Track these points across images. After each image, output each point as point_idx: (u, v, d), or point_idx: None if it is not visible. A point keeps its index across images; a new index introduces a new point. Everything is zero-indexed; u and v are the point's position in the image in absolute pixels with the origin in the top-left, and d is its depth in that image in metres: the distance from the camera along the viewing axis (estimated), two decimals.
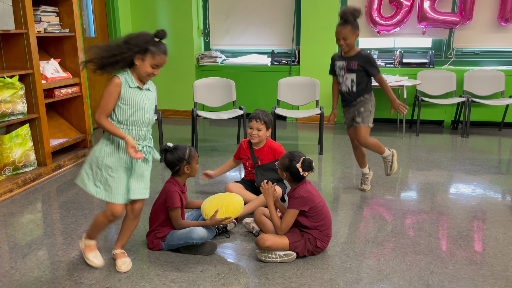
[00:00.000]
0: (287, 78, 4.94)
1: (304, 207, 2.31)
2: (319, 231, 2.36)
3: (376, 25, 5.49)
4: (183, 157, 2.44)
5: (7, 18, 3.28)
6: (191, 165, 2.48)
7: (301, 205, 2.31)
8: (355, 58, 3.05)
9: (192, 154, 2.48)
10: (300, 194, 2.31)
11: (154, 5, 6.00)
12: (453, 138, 5.08)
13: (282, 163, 2.39)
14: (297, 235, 2.36)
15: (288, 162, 2.36)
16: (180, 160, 2.44)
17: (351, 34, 2.95)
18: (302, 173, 2.32)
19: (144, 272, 2.26)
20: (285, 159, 2.38)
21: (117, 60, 2.05)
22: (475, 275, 2.21)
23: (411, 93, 5.46)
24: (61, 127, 4.17)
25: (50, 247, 2.54)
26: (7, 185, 3.30)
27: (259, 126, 3.03)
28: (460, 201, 3.19)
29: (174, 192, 2.41)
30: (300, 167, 2.32)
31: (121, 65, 2.08)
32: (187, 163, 2.45)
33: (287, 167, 2.36)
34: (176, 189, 2.44)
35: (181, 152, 2.45)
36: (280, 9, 5.95)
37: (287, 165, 2.36)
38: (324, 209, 2.38)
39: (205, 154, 4.35)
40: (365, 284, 2.14)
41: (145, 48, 2.09)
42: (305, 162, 2.34)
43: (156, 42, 2.13)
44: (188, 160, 2.45)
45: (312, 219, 2.34)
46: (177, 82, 6.19)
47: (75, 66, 4.13)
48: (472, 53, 5.60)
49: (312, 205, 2.32)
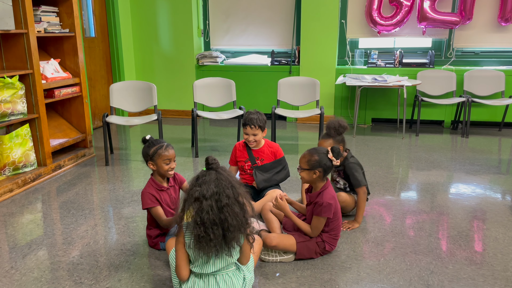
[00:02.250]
0: (287, 78, 4.94)
1: (330, 214, 2.30)
2: (329, 234, 2.36)
3: (376, 25, 5.49)
4: (147, 153, 2.40)
5: (7, 18, 3.28)
6: (156, 163, 2.38)
7: (328, 213, 2.29)
8: (340, 166, 2.87)
9: (159, 152, 2.36)
10: (328, 202, 2.28)
11: (154, 5, 6.00)
12: (453, 138, 5.08)
13: (310, 161, 2.32)
14: (305, 235, 2.37)
15: (317, 157, 2.31)
16: (145, 156, 2.42)
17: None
18: (335, 162, 2.31)
19: (144, 272, 2.26)
20: (313, 156, 2.32)
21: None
22: (475, 275, 2.21)
23: (411, 93, 5.46)
24: (61, 127, 4.17)
25: (50, 247, 2.54)
26: (7, 185, 3.30)
27: (254, 131, 2.95)
28: (460, 201, 3.19)
29: (144, 194, 2.39)
30: (331, 157, 2.31)
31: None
32: (150, 159, 2.39)
33: (319, 162, 2.30)
34: (149, 190, 2.40)
35: (150, 148, 2.40)
36: (280, 9, 5.95)
37: (318, 160, 2.30)
38: (339, 213, 2.38)
39: (205, 154, 4.34)
40: (365, 284, 2.14)
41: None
42: (334, 150, 2.32)
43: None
44: (152, 156, 2.38)
45: (328, 224, 2.35)
46: (177, 82, 6.19)
47: (75, 66, 4.13)
48: (472, 53, 5.60)
49: (335, 211, 2.33)
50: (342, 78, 5.34)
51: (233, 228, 1.75)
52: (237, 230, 1.77)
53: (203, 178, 1.79)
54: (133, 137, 5.25)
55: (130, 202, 3.20)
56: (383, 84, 4.93)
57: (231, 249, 1.80)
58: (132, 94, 4.44)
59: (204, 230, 1.74)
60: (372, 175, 3.73)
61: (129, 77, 6.08)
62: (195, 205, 1.76)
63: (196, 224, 1.75)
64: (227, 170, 1.85)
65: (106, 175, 3.83)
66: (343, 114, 5.82)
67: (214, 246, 1.76)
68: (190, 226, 1.78)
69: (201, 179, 1.79)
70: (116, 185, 3.58)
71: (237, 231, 1.77)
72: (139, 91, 4.46)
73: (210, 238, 1.74)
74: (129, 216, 2.95)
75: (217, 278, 1.85)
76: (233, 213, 1.75)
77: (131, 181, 3.68)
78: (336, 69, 5.69)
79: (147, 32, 6.12)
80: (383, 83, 4.94)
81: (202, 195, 1.75)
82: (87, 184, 3.61)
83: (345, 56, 5.84)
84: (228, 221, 1.74)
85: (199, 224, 1.74)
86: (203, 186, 1.76)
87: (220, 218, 1.74)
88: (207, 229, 1.74)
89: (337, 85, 5.68)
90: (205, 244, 1.75)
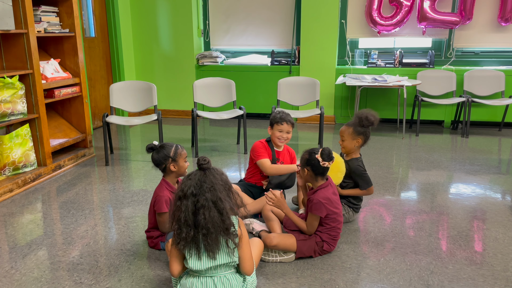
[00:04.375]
0: (287, 78, 4.94)
1: (321, 213, 2.29)
2: (328, 235, 2.37)
3: (376, 25, 5.49)
4: (168, 155, 2.39)
5: (7, 18, 3.28)
6: (178, 163, 2.41)
7: (318, 211, 2.29)
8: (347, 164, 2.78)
9: (179, 151, 2.40)
10: (318, 200, 2.28)
11: (154, 5, 6.00)
12: (453, 138, 5.08)
13: (302, 158, 2.38)
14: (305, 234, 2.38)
15: (307, 155, 2.34)
16: (166, 158, 2.40)
17: (349, 138, 2.75)
18: (322, 163, 2.30)
19: (144, 272, 2.26)
20: (305, 154, 2.37)
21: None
22: (475, 275, 2.21)
23: (411, 93, 5.46)
24: (61, 127, 4.17)
25: (50, 247, 2.54)
26: (7, 185, 3.30)
27: (289, 128, 2.92)
28: (460, 201, 3.19)
29: (162, 197, 2.37)
30: (319, 157, 2.30)
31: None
32: (172, 161, 2.40)
33: (307, 160, 2.33)
34: (165, 193, 2.39)
35: (166, 150, 2.40)
36: (280, 9, 5.95)
37: (307, 158, 2.34)
38: (339, 216, 2.38)
39: (205, 154, 4.35)
40: (365, 284, 2.14)
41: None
42: (324, 152, 2.31)
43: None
44: (174, 157, 2.39)
45: (325, 224, 2.35)
46: (177, 82, 6.19)
47: (75, 66, 4.13)
48: (472, 53, 5.60)
49: (330, 212, 2.32)
50: (342, 78, 5.34)
51: (206, 231, 1.76)
52: (211, 233, 1.77)
53: (188, 178, 1.83)
54: (133, 137, 5.25)
55: (130, 202, 3.20)
56: (383, 84, 4.93)
57: (213, 252, 1.80)
58: (132, 94, 4.44)
59: (179, 227, 1.79)
60: (372, 175, 3.72)
61: (129, 77, 6.08)
62: (177, 203, 1.81)
63: (176, 221, 1.80)
64: (218, 171, 1.86)
65: (106, 175, 3.83)
66: (343, 114, 5.82)
67: (185, 245, 1.79)
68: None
69: (186, 178, 1.83)
70: (116, 185, 3.58)
71: (212, 234, 1.77)
72: (139, 91, 4.46)
73: (181, 237, 1.79)
74: (129, 216, 2.95)
75: (214, 280, 1.85)
76: (208, 216, 1.76)
77: (131, 181, 3.68)
78: (336, 69, 5.69)
79: (147, 32, 6.12)
80: (383, 83, 4.94)
81: (183, 194, 1.79)
82: (87, 184, 3.61)
83: (345, 56, 5.84)
84: (201, 224, 1.76)
85: (176, 221, 1.80)
86: (185, 186, 1.80)
87: (194, 219, 1.77)
88: (181, 228, 1.79)
89: (337, 85, 5.68)
90: (178, 242, 1.80)
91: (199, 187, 1.79)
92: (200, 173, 1.82)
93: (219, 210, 1.79)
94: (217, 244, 1.80)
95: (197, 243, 1.79)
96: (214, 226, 1.77)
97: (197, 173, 1.83)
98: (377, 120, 2.73)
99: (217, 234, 1.78)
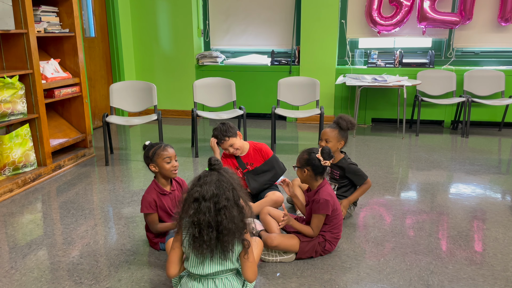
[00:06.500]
0: (287, 78, 4.93)
1: (328, 211, 2.30)
2: (331, 233, 2.37)
3: (376, 25, 5.49)
4: (146, 155, 2.38)
5: (7, 18, 3.28)
6: (157, 164, 2.36)
7: (326, 209, 2.30)
8: (336, 167, 2.86)
9: (158, 152, 2.34)
10: (324, 198, 2.29)
11: (154, 5, 6.00)
12: (453, 138, 5.08)
13: (301, 158, 2.37)
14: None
15: (307, 155, 2.34)
16: (145, 159, 2.40)
17: (335, 140, 2.80)
18: (323, 162, 2.30)
19: (144, 272, 2.26)
20: (304, 154, 2.37)
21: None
22: (475, 275, 2.21)
23: (411, 93, 5.46)
24: (61, 127, 4.17)
25: (50, 247, 2.54)
26: (7, 185, 3.30)
27: (229, 143, 2.89)
28: (460, 201, 3.19)
29: (144, 198, 2.37)
30: (320, 156, 2.31)
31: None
32: (151, 161, 2.37)
33: (307, 161, 2.33)
34: (150, 195, 2.37)
35: (146, 150, 2.39)
36: (280, 9, 5.95)
37: (307, 158, 2.33)
38: (339, 212, 2.39)
39: (205, 154, 4.34)
40: (365, 284, 2.14)
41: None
42: (324, 150, 2.32)
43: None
44: (152, 158, 2.36)
45: (329, 222, 2.35)
46: (177, 82, 6.19)
47: (75, 66, 4.13)
48: (472, 53, 5.60)
49: (334, 208, 2.33)
50: (342, 78, 5.34)
51: (227, 232, 1.74)
52: (231, 233, 1.75)
53: (204, 179, 1.77)
54: (133, 137, 5.25)
55: (130, 202, 3.20)
56: (383, 84, 4.93)
57: (226, 254, 1.78)
58: (132, 94, 4.44)
59: (199, 231, 1.74)
60: (372, 175, 3.72)
61: (129, 77, 6.08)
62: (194, 205, 1.75)
63: (193, 224, 1.75)
64: (229, 171, 1.84)
65: (106, 175, 3.83)
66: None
67: (207, 248, 1.75)
68: (187, 225, 1.79)
69: (203, 179, 1.78)
70: (116, 185, 3.58)
71: (232, 235, 1.76)
72: (139, 91, 4.46)
73: (203, 240, 1.74)
74: (129, 216, 2.95)
75: (216, 282, 1.85)
76: (230, 216, 1.74)
77: (131, 181, 3.68)
78: (336, 69, 5.69)
79: (147, 32, 6.12)
80: (383, 83, 4.94)
81: (201, 196, 1.74)
82: (87, 184, 3.61)
83: (345, 56, 5.84)
84: (223, 224, 1.73)
85: (196, 224, 1.75)
86: (203, 187, 1.75)
87: (216, 220, 1.74)
88: (202, 231, 1.74)
89: (337, 85, 5.68)
90: (198, 245, 1.76)
91: (218, 187, 1.75)
92: (216, 173, 1.79)
93: (239, 209, 1.78)
94: (233, 245, 1.79)
95: (215, 246, 1.77)
96: (234, 225, 1.75)
97: (212, 174, 1.79)
98: (355, 125, 2.87)
99: (235, 235, 1.77)
